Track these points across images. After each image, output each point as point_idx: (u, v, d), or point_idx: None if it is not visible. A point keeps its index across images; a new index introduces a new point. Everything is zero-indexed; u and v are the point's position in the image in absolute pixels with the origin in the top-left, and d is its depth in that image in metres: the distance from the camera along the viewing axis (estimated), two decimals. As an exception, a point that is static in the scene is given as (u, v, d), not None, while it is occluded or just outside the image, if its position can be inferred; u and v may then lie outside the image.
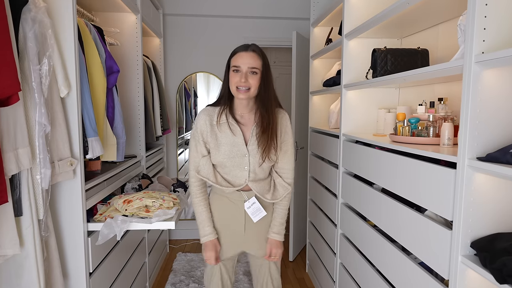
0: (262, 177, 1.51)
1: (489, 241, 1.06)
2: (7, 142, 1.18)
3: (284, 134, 1.52)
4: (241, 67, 1.39)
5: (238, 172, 1.46)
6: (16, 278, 1.31)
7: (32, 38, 1.27)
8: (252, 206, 1.50)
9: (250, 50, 1.42)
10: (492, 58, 0.97)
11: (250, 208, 1.50)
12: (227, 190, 1.48)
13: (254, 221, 1.52)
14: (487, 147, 1.06)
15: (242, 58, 1.40)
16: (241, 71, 1.40)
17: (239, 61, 1.40)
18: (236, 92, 1.41)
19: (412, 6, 1.41)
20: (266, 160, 1.46)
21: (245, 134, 1.47)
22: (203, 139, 1.48)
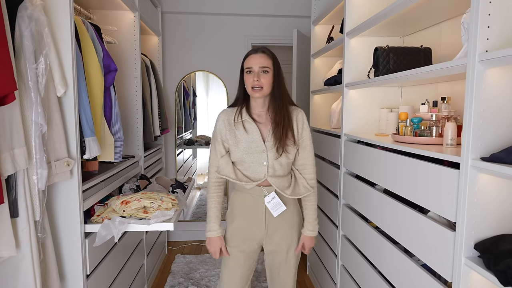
0: (281, 173, 1.56)
1: (493, 243, 1.05)
2: (3, 142, 1.17)
3: (302, 130, 1.59)
4: (253, 68, 1.50)
5: (257, 168, 1.53)
6: (12, 280, 1.30)
7: (28, 37, 1.26)
8: (272, 201, 1.54)
9: (260, 51, 1.54)
10: (496, 57, 0.96)
11: (270, 202, 1.55)
12: (248, 186, 1.54)
13: (274, 216, 1.56)
14: (491, 147, 1.05)
15: (253, 59, 1.51)
16: (253, 71, 1.50)
17: (251, 62, 1.51)
18: (252, 92, 1.51)
19: (414, 3, 1.40)
20: (282, 155, 1.52)
21: (262, 131, 1.55)
22: (222, 138, 1.57)
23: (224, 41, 3.54)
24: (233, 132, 1.55)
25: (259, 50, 1.55)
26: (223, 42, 3.54)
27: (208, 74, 3.63)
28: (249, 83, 1.50)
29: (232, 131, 1.55)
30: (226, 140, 1.56)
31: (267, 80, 1.49)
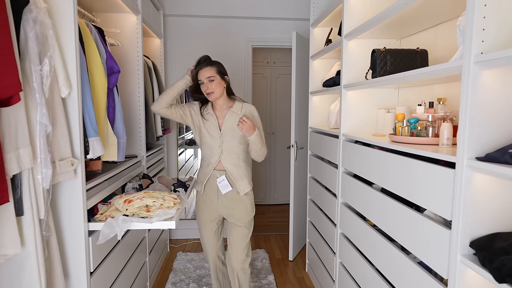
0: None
1: (488, 241, 1.06)
2: (8, 142, 1.18)
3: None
4: (202, 80, 1.95)
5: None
6: (17, 277, 1.31)
7: (33, 39, 1.28)
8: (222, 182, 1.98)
9: (204, 65, 1.96)
10: (491, 59, 0.97)
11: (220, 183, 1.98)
12: None
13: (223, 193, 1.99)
14: (486, 147, 1.06)
15: (201, 74, 1.95)
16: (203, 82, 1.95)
17: (200, 76, 1.96)
18: (207, 96, 1.97)
19: (411, 6, 1.42)
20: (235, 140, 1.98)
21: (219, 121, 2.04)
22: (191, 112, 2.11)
23: (224, 43, 3.57)
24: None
25: (205, 63, 1.96)
26: (224, 44, 3.57)
27: (209, 75, 3.65)
28: (204, 90, 1.94)
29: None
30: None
31: (215, 86, 1.92)
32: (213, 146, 1.95)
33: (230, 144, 1.94)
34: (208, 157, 1.98)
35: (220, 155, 1.94)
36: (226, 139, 1.94)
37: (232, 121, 1.95)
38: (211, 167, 1.96)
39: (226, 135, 1.94)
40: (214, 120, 1.96)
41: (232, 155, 1.96)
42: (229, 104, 2.00)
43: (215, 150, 1.95)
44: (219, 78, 1.92)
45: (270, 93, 4.90)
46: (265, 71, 4.88)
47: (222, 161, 1.95)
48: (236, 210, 2.01)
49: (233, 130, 1.94)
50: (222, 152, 1.94)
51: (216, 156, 1.95)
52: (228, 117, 1.96)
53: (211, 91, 1.90)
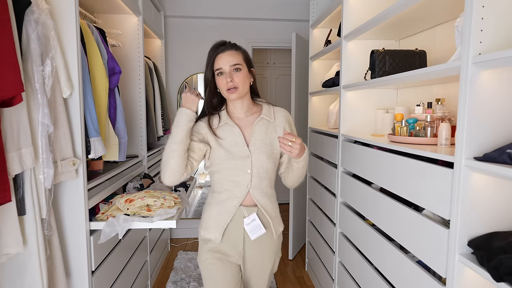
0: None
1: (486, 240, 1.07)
2: (10, 142, 1.19)
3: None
4: (223, 68, 1.35)
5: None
6: (19, 276, 1.32)
7: (35, 40, 1.29)
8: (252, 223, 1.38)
9: (228, 48, 1.38)
10: (489, 59, 0.98)
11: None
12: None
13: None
14: (484, 147, 1.07)
15: (222, 59, 1.35)
16: (224, 71, 1.35)
17: (220, 62, 1.35)
18: (227, 93, 1.35)
19: (410, 8, 1.43)
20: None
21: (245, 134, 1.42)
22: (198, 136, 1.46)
23: (225, 43, 3.58)
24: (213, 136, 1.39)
25: (227, 46, 1.38)
26: (224, 44, 3.58)
27: (209, 76, 3.67)
28: (223, 84, 1.34)
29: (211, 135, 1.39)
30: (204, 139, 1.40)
31: (240, 79, 1.34)
32: (238, 171, 1.35)
33: (263, 165, 1.36)
34: (228, 188, 1.37)
35: (249, 183, 1.35)
36: (258, 158, 1.36)
37: (263, 132, 1.39)
38: (236, 202, 1.36)
39: (257, 152, 1.36)
40: (237, 132, 1.37)
41: (265, 181, 1.38)
42: (254, 110, 1.44)
43: (241, 177, 1.35)
44: (247, 69, 1.38)
45: (270, 93, 4.91)
46: (265, 71, 4.90)
47: (253, 191, 1.37)
48: (266, 258, 1.44)
49: (266, 145, 1.38)
50: (253, 177, 1.35)
51: (243, 186, 1.35)
52: (258, 127, 1.39)
53: (235, 85, 1.32)
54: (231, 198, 1.37)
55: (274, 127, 1.42)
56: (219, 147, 1.36)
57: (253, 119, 1.41)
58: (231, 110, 1.43)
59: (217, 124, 1.40)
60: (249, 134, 1.39)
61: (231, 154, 1.35)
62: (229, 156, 1.35)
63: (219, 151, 1.36)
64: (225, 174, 1.36)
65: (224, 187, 1.38)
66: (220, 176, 1.38)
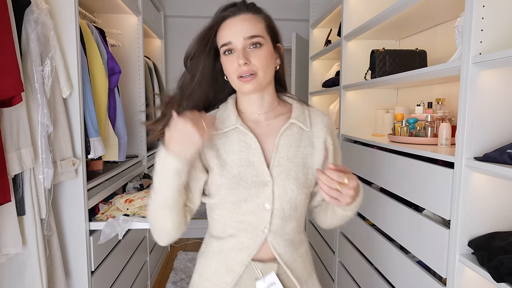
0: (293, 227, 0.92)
1: (486, 240, 1.07)
2: (10, 142, 1.19)
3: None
4: (233, 43, 0.85)
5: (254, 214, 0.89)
6: (19, 276, 1.32)
7: (34, 40, 1.29)
8: None
9: (242, 10, 0.88)
10: (490, 59, 0.98)
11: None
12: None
13: None
14: (485, 147, 1.07)
15: (233, 27, 0.86)
16: (235, 49, 0.85)
17: (228, 34, 0.86)
18: (240, 83, 0.86)
19: (410, 7, 1.43)
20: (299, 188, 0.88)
21: (265, 147, 0.90)
22: None
23: (225, 43, 3.58)
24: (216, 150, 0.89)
25: (240, 7, 0.88)
26: (224, 44, 3.58)
27: (209, 76, 3.67)
28: (233, 68, 0.85)
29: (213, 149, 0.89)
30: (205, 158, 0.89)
31: (261, 60, 0.84)
32: (250, 206, 0.87)
33: (291, 197, 0.87)
34: (234, 233, 0.89)
35: (268, 226, 0.87)
36: (283, 187, 0.87)
37: (293, 145, 0.90)
38: (245, 255, 0.88)
39: (282, 176, 0.87)
40: (252, 144, 0.88)
41: (292, 223, 0.90)
42: (280, 110, 0.94)
43: (255, 216, 0.87)
44: (271, 45, 0.88)
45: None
46: (265, 71, 4.88)
47: (272, 239, 0.88)
48: None
49: (296, 166, 0.89)
50: (273, 217, 0.87)
51: (258, 230, 0.88)
52: (286, 138, 0.90)
53: (252, 70, 0.84)
54: (238, 248, 0.88)
55: (310, 139, 0.91)
56: (221, 167, 0.87)
57: (278, 124, 0.91)
58: (244, 109, 0.92)
59: (220, 129, 0.89)
60: (271, 147, 0.88)
61: (241, 180, 0.85)
62: (237, 182, 0.85)
63: (221, 174, 0.86)
64: (230, 211, 0.87)
65: (229, 231, 0.89)
66: (222, 213, 0.89)
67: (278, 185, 0.87)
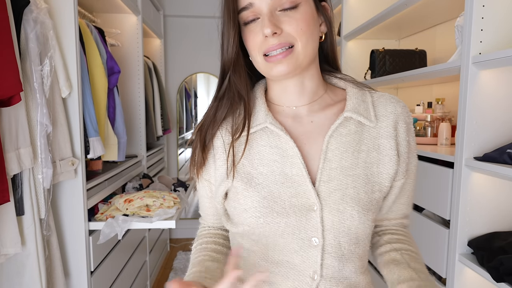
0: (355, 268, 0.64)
1: (486, 240, 1.07)
2: (9, 142, 1.19)
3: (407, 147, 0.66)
4: (255, 6, 0.62)
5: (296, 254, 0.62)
6: (18, 276, 1.32)
7: (33, 39, 1.28)
8: None
9: None
10: (489, 59, 0.98)
11: None
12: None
13: None
14: (484, 147, 1.07)
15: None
16: (259, 14, 0.62)
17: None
18: (268, 63, 0.62)
19: (410, 7, 1.42)
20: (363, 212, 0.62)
21: (307, 156, 0.64)
22: (207, 176, 0.71)
23: (224, 42, 3.57)
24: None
25: None
26: (224, 44, 3.58)
27: (209, 76, 3.66)
28: (256, 43, 0.62)
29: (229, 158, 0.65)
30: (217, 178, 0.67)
31: (299, 25, 0.60)
32: (290, 240, 0.61)
33: (350, 226, 0.60)
34: (268, 279, 0.63)
35: (319, 269, 0.60)
36: (338, 212, 0.60)
37: (350, 149, 0.63)
38: None
39: (336, 196, 0.61)
40: (289, 150, 0.63)
41: (354, 260, 0.63)
42: (328, 99, 0.68)
43: (299, 255, 0.61)
44: (312, 2, 0.62)
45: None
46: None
47: (325, 287, 0.61)
48: None
49: (357, 180, 0.62)
50: (326, 256, 0.60)
51: (304, 276, 0.61)
52: (338, 139, 0.63)
53: (286, 41, 0.59)
54: None
55: (376, 139, 0.64)
56: (245, 185, 0.63)
57: (326, 120, 0.66)
58: (277, 100, 0.69)
59: (244, 131, 0.65)
60: (318, 154, 0.64)
61: (275, 203, 0.61)
62: (269, 206, 0.61)
63: (245, 196, 0.63)
64: (261, 246, 0.64)
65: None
66: (250, 247, 0.65)
67: (330, 210, 0.60)
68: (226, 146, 0.65)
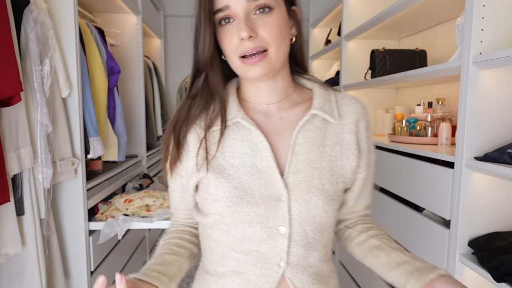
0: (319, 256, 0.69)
1: (487, 240, 1.07)
2: (9, 142, 1.19)
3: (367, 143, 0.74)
4: (231, 8, 0.64)
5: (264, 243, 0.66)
6: (18, 277, 1.32)
7: (33, 39, 1.28)
8: None
9: None
10: (490, 59, 0.98)
11: None
12: None
13: None
14: (485, 147, 1.07)
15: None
16: (235, 16, 0.65)
17: None
18: (244, 65, 0.66)
19: (410, 7, 1.43)
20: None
21: (276, 149, 0.69)
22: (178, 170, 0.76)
23: (224, 42, 3.58)
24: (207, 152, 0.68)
25: None
26: (224, 44, 3.58)
27: (209, 76, 3.67)
28: (232, 46, 0.65)
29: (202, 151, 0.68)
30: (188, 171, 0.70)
31: (272, 30, 0.63)
32: (258, 229, 0.64)
33: (315, 216, 0.66)
34: (237, 268, 0.67)
35: (285, 257, 0.65)
36: (305, 202, 0.65)
37: (316, 144, 0.68)
38: None
39: (303, 187, 0.65)
40: (259, 144, 0.67)
41: (319, 250, 0.68)
42: (297, 97, 0.74)
43: (266, 244, 0.65)
44: (285, 9, 0.68)
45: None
46: (265, 71, 4.88)
47: (293, 275, 0.65)
48: None
49: (322, 173, 0.67)
50: (292, 244, 0.65)
51: (271, 264, 0.65)
52: (306, 134, 0.69)
53: (261, 46, 0.63)
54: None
55: (339, 134, 0.70)
56: (217, 176, 0.66)
57: (294, 117, 0.70)
58: (249, 97, 0.73)
59: (218, 125, 0.68)
60: (286, 148, 0.68)
61: (245, 193, 0.65)
62: (239, 196, 0.64)
63: (217, 185, 0.66)
64: (230, 236, 0.66)
65: (230, 264, 0.68)
66: (219, 238, 0.68)
67: (296, 200, 0.64)
68: (200, 140, 0.68)
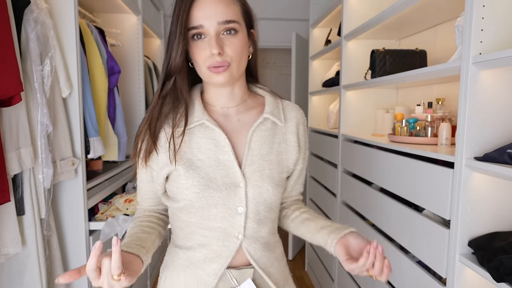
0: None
1: (487, 240, 1.07)
2: (9, 141, 1.19)
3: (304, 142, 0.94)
4: (205, 27, 0.77)
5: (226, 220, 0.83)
6: (19, 276, 1.32)
7: (34, 39, 1.29)
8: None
9: None
10: (490, 59, 0.98)
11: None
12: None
13: None
14: (485, 147, 1.07)
15: (205, 8, 0.77)
16: (207, 34, 0.78)
17: (199, 14, 0.77)
18: (210, 74, 0.79)
19: (410, 7, 1.42)
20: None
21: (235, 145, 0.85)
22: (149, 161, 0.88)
23: (224, 42, 3.58)
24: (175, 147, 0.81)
25: None
26: (224, 44, 3.58)
27: (209, 76, 3.67)
28: (202, 58, 0.78)
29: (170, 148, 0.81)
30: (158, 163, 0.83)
31: (236, 50, 0.78)
32: (221, 210, 0.81)
33: (266, 198, 0.83)
34: (204, 242, 0.83)
35: (242, 231, 0.82)
36: (258, 188, 0.82)
37: (267, 142, 0.85)
38: (218, 265, 0.82)
39: (256, 176, 0.82)
40: (221, 141, 0.82)
41: (268, 225, 0.86)
42: (251, 104, 0.89)
43: (227, 221, 0.81)
44: (246, 32, 0.83)
45: (270, 93, 4.91)
46: (264, 71, 4.89)
47: (247, 245, 0.83)
48: None
49: (271, 165, 0.85)
50: (248, 221, 0.82)
51: (231, 236, 0.82)
52: (259, 134, 0.85)
53: (225, 61, 0.78)
54: (209, 258, 0.82)
55: (284, 134, 0.88)
56: (187, 168, 0.79)
57: (249, 119, 0.85)
58: (211, 101, 0.86)
59: (183, 125, 0.81)
60: (243, 145, 0.83)
61: (211, 182, 0.79)
62: (206, 184, 0.79)
63: (187, 176, 0.79)
64: (197, 217, 0.80)
65: (197, 239, 0.82)
66: (189, 220, 0.82)
67: (252, 186, 0.81)
68: (168, 137, 0.81)
